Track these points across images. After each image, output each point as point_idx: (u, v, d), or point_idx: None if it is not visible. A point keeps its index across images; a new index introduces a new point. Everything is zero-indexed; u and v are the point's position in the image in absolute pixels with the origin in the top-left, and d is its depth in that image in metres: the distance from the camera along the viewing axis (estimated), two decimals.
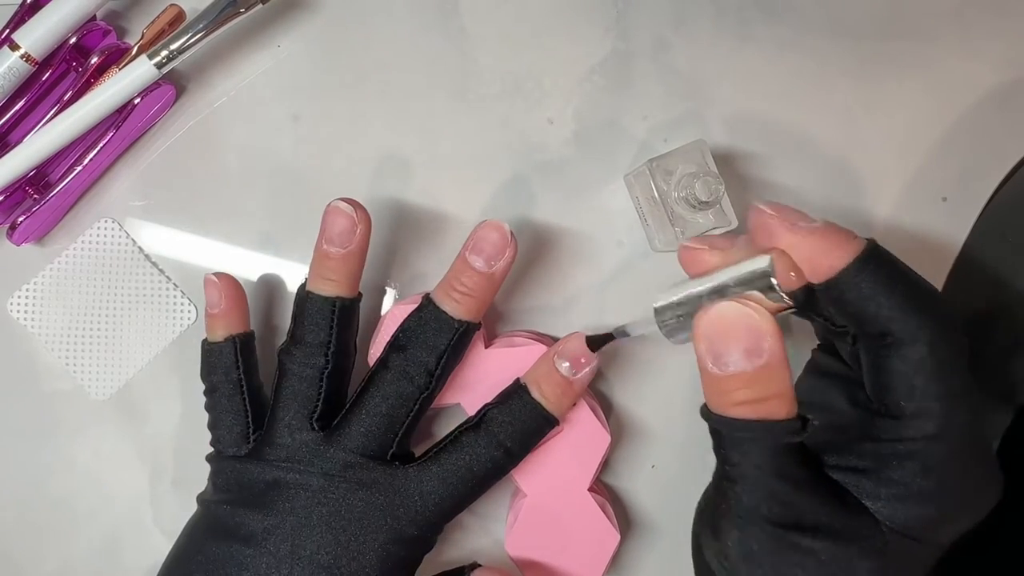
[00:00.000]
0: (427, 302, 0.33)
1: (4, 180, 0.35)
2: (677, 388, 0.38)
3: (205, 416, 0.34)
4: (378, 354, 0.34)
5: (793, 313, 0.28)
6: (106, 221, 0.38)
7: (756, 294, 0.26)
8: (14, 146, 0.35)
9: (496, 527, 0.38)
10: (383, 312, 0.38)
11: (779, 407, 0.25)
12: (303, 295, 0.33)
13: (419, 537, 0.32)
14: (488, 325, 0.38)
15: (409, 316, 0.33)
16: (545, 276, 0.38)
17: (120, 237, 0.38)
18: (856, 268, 0.27)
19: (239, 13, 0.35)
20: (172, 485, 0.38)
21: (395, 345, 0.33)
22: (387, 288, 0.38)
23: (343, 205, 0.33)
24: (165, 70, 0.35)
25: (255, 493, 0.32)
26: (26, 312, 0.38)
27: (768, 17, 0.38)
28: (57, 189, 0.36)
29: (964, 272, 0.38)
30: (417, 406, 0.32)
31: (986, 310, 0.36)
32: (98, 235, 0.38)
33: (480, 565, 0.34)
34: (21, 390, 0.38)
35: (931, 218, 0.38)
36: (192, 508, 0.34)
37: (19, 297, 0.38)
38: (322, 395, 0.33)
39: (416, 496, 0.32)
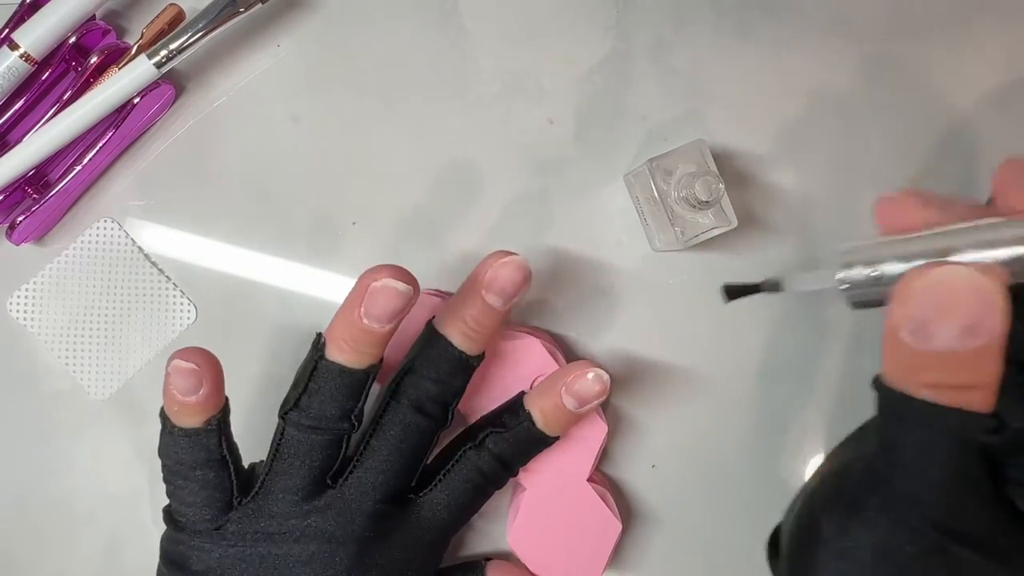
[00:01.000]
0: (436, 337, 0.31)
1: (3, 180, 0.35)
2: (677, 386, 0.38)
3: None
4: None
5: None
6: (105, 221, 0.38)
7: (994, 264, 0.21)
8: (13, 146, 0.35)
9: (498, 522, 0.38)
10: None
11: (980, 399, 0.21)
12: (327, 366, 0.30)
13: (438, 553, 0.33)
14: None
15: (421, 353, 0.31)
16: (544, 276, 0.38)
17: (119, 237, 0.38)
18: None
19: (239, 13, 0.35)
20: None
21: (405, 385, 0.31)
22: None
23: (400, 286, 0.29)
24: (164, 70, 0.35)
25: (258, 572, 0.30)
26: (25, 312, 0.38)
27: (768, 17, 0.38)
28: (56, 189, 0.36)
29: None
30: (434, 443, 0.32)
31: None
32: (97, 235, 0.38)
33: (491, 560, 0.34)
34: (20, 390, 0.38)
35: None
36: None
37: (18, 297, 0.38)
38: (341, 455, 0.31)
39: (428, 523, 0.32)
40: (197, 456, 0.30)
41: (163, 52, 0.35)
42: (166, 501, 0.38)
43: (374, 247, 0.38)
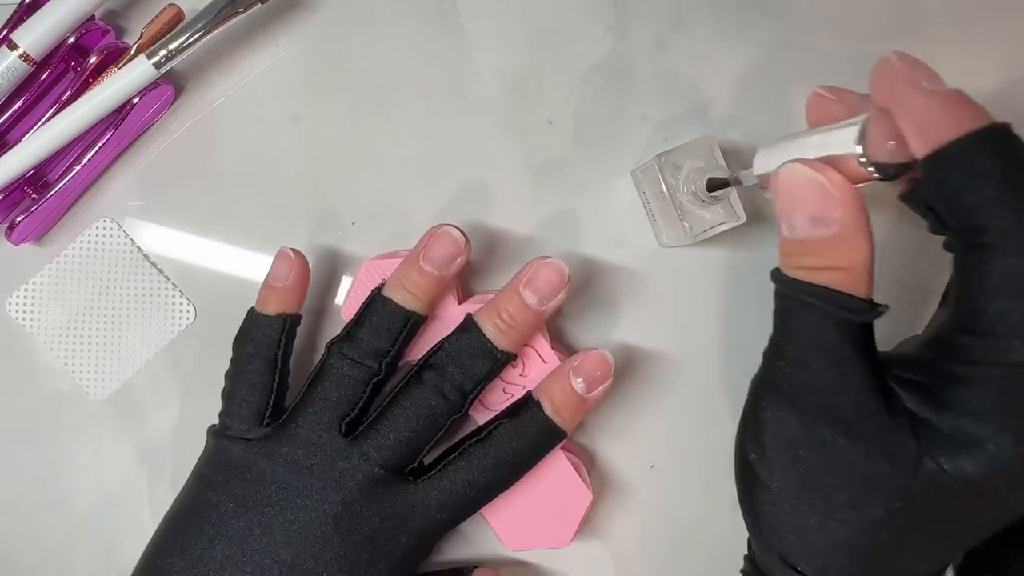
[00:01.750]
0: (471, 323, 0.32)
1: (3, 180, 0.35)
2: (676, 388, 0.38)
3: (204, 416, 0.34)
4: (353, 309, 0.34)
5: (902, 200, 0.26)
6: (105, 221, 0.38)
7: (845, 157, 0.23)
8: (12, 146, 0.35)
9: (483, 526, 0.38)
10: None
11: (844, 279, 0.24)
12: (378, 298, 0.32)
13: (419, 547, 0.32)
14: (465, 285, 0.38)
15: (451, 336, 0.32)
16: None
17: (119, 237, 0.38)
18: (968, 142, 0.22)
19: (238, 13, 0.35)
20: (171, 485, 0.38)
21: (431, 363, 0.32)
22: None
23: (457, 233, 0.32)
24: (164, 70, 0.35)
25: (256, 487, 0.32)
26: (25, 312, 0.38)
27: (767, 17, 0.38)
28: (56, 189, 0.36)
29: None
30: (447, 426, 0.32)
31: None
32: (97, 235, 0.38)
33: (478, 567, 0.34)
34: (20, 390, 0.38)
35: None
36: None
37: (18, 297, 0.38)
38: (361, 402, 0.32)
39: (423, 510, 0.31)
40: (258, 344, 0.33)
41: (162, 52, 0.34)
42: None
43: (374, 247, 0.38)
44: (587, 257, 0.38)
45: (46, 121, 0.35)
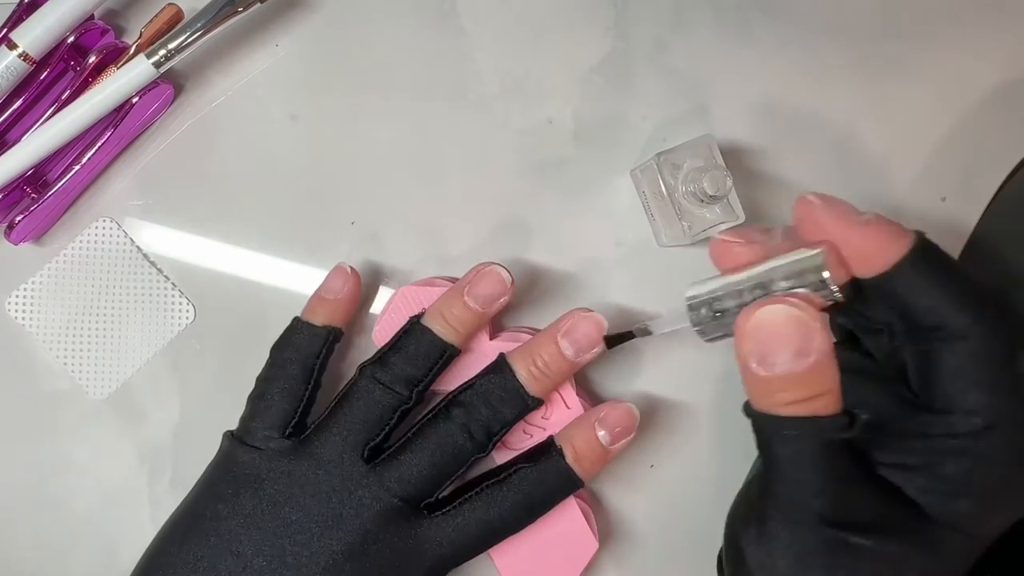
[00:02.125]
0: (504, 365, 0.32)
1: (2, 179, 0.35)
2: (675, 386, 0.38)
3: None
4: (385, 334, 0.34)
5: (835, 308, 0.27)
6: (104, 220, 0.38)
7: (803, 291, 0.25)
8: (12, 145, 0.35)
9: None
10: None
11: (827, 404, 0.25)
12: (416, 326, 0.33)
13: None
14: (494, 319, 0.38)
15: (484, 375, 0.33)
16: (545, 276, 0.38)
17: (118, 236, 0.38)
18: (911, 262, 0.26)
19: (237, 12, 0.35)
20: (170, 485, 0.38)
21: (460, 400, 0.32)
22: (382, 286, 0.38)
23: (504, 274, 0.33)
24: (163, 69, 0.35)
25: (270, 506, 0.31)
26: (24, 311, 0.38)
27: (767, 17, 0.38)
28: (55, 188, 0.36)
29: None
30: (469, 464, 0.32)
31: None
32: (96, 234, 0.38)
33: None
34: (19, 390, 0.38)
35: (931, 218, 0.38)
36: None
37: (17, 296, 0.38)
38: (387, 428, 0.32)
39: (435, 546, 0.31)
40: (299, 351, 0.33)
41: (162, 52, 0.34)
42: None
43: (373, 247, 0.38)
44: (586, 257, 0.38)
45: (45, 120, 0.35)
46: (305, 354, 0.33)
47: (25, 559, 0.38)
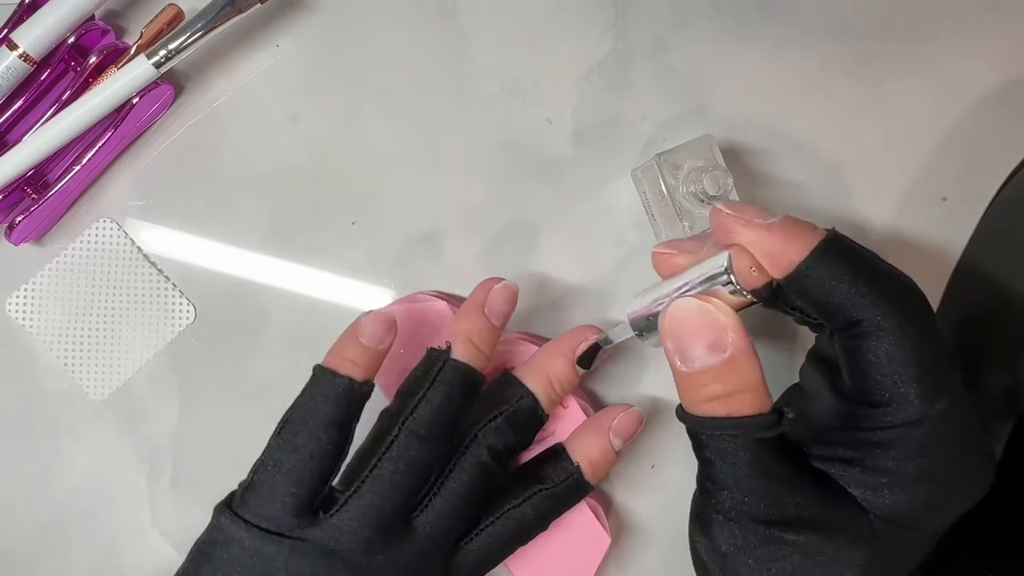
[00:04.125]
0: (520, 388, 0.32)
1: (2, 180, 0.35)
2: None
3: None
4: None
5: (768, 307, 0.29)
6: (104, 221, 0.38)
7: (719, 290, 0.26)
8: (12, 146, 0.35)
9: None
10: None
11: (750, 401, 0.26)
12: (448, 360, 0.31)
13: None
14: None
15: (508, 407, 0.32)
16: (545, 277, 0.38)
17: (118, 237, 0.38)
18: (814, 260, 0.26)
19: (238, 13, 0.35)
20: (170, 485, 0.38)
21: (490, 437, 0.31)
22: (382, 287, 0.38)
23: (515, 287, 0.33)
24: (163, 70, 0.35)
25: None
26: (24, 312, 0.38)
27: (767, 17, 0.38)
28: (55, 189, 0.36)
29: (968, 272, 0.38)
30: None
31: (990, 310, 0.36)
32: (96, 235, 0.38)
33: None
34: (19, 390, 0.38)
35: (931, 218, 0.38)
36: (190, 509, 0.33)
37: (17, 297, 0.38)
38: (430, 484, 0.30)
39: (465, 572, 0.31)
40: (338, 409, 0.29)
41: (162, 52, 0.35)
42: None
43: (373, 247, 0.38)
44: (586, 257, 0.38)
45: (46, 121, 0.35)
46: (342, 419, 0.29)
47: (25, 559, 0.38)
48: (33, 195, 0.37)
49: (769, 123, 0.38)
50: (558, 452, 0.33)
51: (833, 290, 0.26)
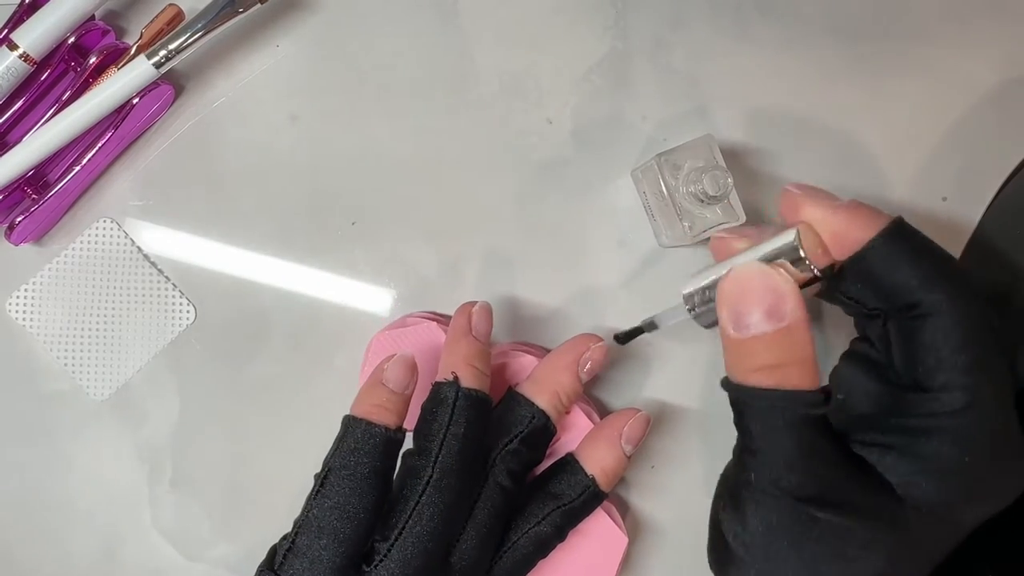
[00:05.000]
0: (530, 406, 0.32)
1: (3, 180, 0.35)
2: (675, 387, 0.38)
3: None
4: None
5: (823, 297, 0.29)
6: (104, 221, 0.38)
7: (782, 261, 0.26)
8: (12, 146, 0.35)
9: None
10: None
11: (801, 375, 0.25)
12: (469, 394, 0.30)
13: None
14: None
15: (521, 427, 0.31)
16: (545, 277, 0.38)
17: (119, 237, 0.38)
18: (883, 240, 0.26)
19: (238, 13, 0.35)
20: (170, 485, 0.38)
21: (510, 462, 0.31)
22: (383, 287, 0.38)
23: (489, 306, 0.33)
24: (164, 70, 0.35)
25: None
26: (24, 312, 0.38)
27: (766, 17, 0.38)
28: (55, 189, 0.36)
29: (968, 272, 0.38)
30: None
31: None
32: (97, 235, 0.38)
33: None
34: (19, 390, 0.38)
35: (931, 218, 0.38)
36: (190, 508, 0.33)
37: (17, 297, 0.38)
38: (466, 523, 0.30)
39: None
40: (378, 459, 0.28)
41: (162, 52, 0.35)
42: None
43: (373, 247, 0.38)
44: (586, 257, 0.38)
45: (46, 121, 0.35)
46: (382, 467, 0.29)
47: (26, 559, 0.38)
48: (33, 195, 0.37)
49: (769, 123, 0.38)
50: (571, 463, 0.33)
51: (897, 270, 0.26)
